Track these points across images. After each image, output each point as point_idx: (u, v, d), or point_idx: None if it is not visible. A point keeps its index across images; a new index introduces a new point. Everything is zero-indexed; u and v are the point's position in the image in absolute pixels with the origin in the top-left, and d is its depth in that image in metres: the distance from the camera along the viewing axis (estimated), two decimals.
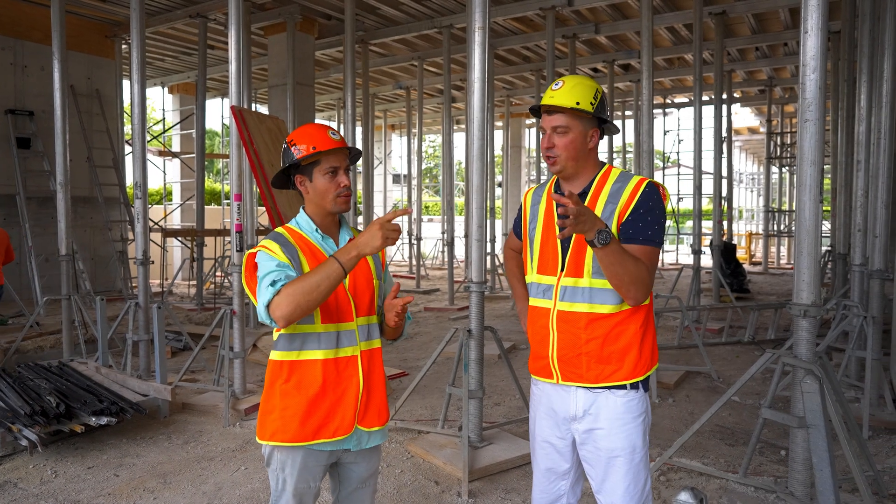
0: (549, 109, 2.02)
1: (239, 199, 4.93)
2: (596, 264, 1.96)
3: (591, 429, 2.04)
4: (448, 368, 5.68)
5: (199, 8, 9.68)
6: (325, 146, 1.95)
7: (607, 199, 2.00)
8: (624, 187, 2.00)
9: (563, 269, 2.03)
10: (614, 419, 2.00)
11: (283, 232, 2.01)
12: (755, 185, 30.04)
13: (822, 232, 3.02)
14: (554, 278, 2.05)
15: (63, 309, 6.03)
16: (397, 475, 3.77)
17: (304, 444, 1.94)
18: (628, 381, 2.00)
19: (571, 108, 1.97)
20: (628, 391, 2.01)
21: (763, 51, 12.54)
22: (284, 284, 1.81)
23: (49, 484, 3.65)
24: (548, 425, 2.15)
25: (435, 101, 16.94)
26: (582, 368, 2.02)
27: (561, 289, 2.03)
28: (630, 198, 1.97)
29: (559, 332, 2.05)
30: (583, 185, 2.06)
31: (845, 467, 3.56)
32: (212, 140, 27.52)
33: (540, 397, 2.18)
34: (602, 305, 1.99)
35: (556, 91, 2.00)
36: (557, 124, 2.00)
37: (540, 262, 2.10)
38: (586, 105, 1.98)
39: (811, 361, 2.95)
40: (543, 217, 2.12)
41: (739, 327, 8.01)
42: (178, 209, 15.35)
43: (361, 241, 1.82)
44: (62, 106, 5.98)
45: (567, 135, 2.00)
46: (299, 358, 1.95)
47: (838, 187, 8.36)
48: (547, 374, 2.10)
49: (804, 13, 2.87)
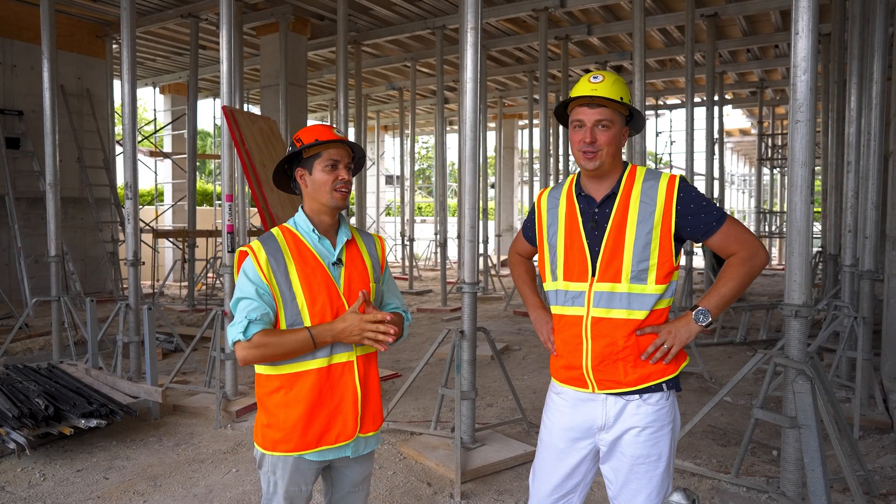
0: (592, 102, 1.92)
1: (230, 199, 4.90)
2: (636, 269, 1.91)
3: (620, 436, 1.96)
4: (441, 369, 5.67)
5: (190, 8, 9.64)
6: (327, 137, 1.95)
7: (640, 197, 1.94)
8: (656, 186, 1.94)
9: (595, 274, 1.95)
10: (643, 427, 1.93)
11: (277, 234, 1.98)
12: (747, 187, 30.23)
13: (812, 234, 3.03)
14: (585, 284, 1.96)
15: (53, 310, 5.97)
16: (389, 476, 3.75)
17: (307, 452, 1.92)
18: (665, 379, 1.94)
19: (616, 102, 1.91)
20: (663, 394, 1.95)
21: (754, 53, 12.61)
22: (257, 332, 1.83)
23: (37, 487, 3.61)
24: (568, 437, 2.04)
25: (428, 101, 16.94)
26: (620, 374, 1.93)
27: (595, 295, 1.95)
28: (668, 200, 1.92)
29: (594, 340, 1.96)
30: (611, 186, 1.98)
31: (836, 467, 3.57)
32: (203, 141, 27.40)
33: (561, 407, 2.06)
34: (640, 311, 1.92)
35: (599, 84, 1.91)
36: (602, 118, 1.91)
37: (566, 268, 2.00)
38: (628, 101, 1.94)
39: (803, 361, 2.96)
40: (565, 220, 2.03)
41: (731, 328, 8.05)
42: (170, 210, 15.27)
43: (339, 329, 1.86)
44: (52, 106, 5.93)
45: (610, 129, 1.92)
46: (293, 370, 1.91)
47: (829, 189, 8.42)
48: (581, 384, 2.00)
49: (795, 15, 2.88)
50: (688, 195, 1.92)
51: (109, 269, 10.91)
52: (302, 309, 1.90)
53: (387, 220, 23.72)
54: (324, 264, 1.95)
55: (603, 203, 1.97)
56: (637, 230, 1.91)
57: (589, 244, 1.97)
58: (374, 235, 2.15)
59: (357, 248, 2.05)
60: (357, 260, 2.02)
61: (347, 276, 1.97)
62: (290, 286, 1.90)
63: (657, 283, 1.91)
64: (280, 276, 1.90)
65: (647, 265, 1.91)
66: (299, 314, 1.90)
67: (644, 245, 1.90)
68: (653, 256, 1.91)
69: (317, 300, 1.91)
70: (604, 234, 1.94)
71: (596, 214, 1.97)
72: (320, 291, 1.92)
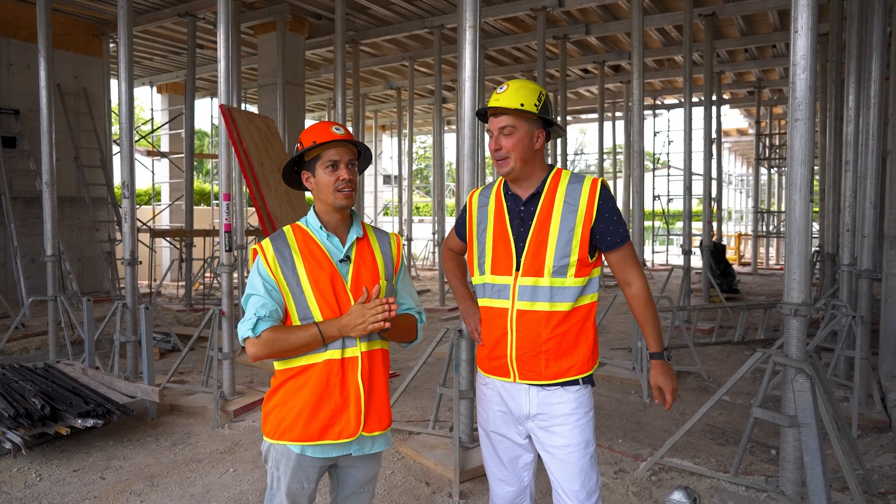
0: (495, 112, 2.07)
1: (228, 198, 4.89)
2: (557, 264, 2.03)
3: (546, 426, 2.10)
4: (439, 369, 5.67)
5: (187, 7, 9.61)
6: (325, 138, 1.95)
7: (564, 199, 2.07)
8: (580, 188, 2.07)
9: (519, 268, 2.07)
10: (567, 415, 2.08)
11: (287, 231, 2.03)
12: (744, 187, 30.26)
13: (811, 232, 3.03)
14: (510, 278, 2.09)
15: (49, 310, 5.95)
16: (388, 476, 3.74)
17: (309, 444, 1.94)
18: (581, 376, 2.09)
19: (516, 109, 2.03)
20: (581, 386, 2.10)
21: (752, 52, 12.62)
22: (266, 329, 1.87)
23: (34, 487, 3.60)
24: (504, 422, 2.18)
25: (425, 101, 16.92)
26: (541, 366, 2.07)
27: (519, 288, 2.07)
28: (590, 201, 2.05)
29: (518, 331, 2.08)
30: (534, 187, 2.11)
31: (835, 466, 3.57)
32: (201, 140, 27.36)
33: (491, 396, 2.20)
34: (562, 304, 2.05)
35: (501, 94, 2.06)
36: (503, 125, 2.05)
37: (493, 262, 2.13)
38: (530, 106, 2.04)
39: (802, 360, 2.95)
40: (494, 218, 2.16)
41: (729, 327, 8.05)
42: (167, 209, 15.24)
43: (344, 322, 1.89)
44: (48, 105, 5.90)
45: (513, 135, 2.06)
46: (303, 363, 1.94)
47: (827, 188, 8.42)
48: (503, 374, 2.13)
49: (794, 13, 2.87)
50: (606, 202, 2.07)
51: (106, 269, 10.88)
52: (311, 304, 1.93)
53: (385, 220, 23.70)
54: (332, 260, 1.97)
55: (528, 201, 2.11)
56: (560, 227, 2.05)
57: (514, 240, 2.10)
58: (392, 234, 2.16)
59: (368, 245, 2.06)
60: (367, 257, 2.03)
61: (355, 273, 1.98)
62: (298, 281, 1.94)
63: (576, 276, 2.05)
64: (287, 271, 1.94)
65: (567, 261, 2.04)
66: (309, 309, 1.93)
67: (566, 242, 2.04)
68: (573, 253, 2.04)
69: (324, 294, 1.93)
70: (529, 230, 2.08)
71: (521, 212, 2.11)
72: (327, 287, 1.94)
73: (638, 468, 3.80)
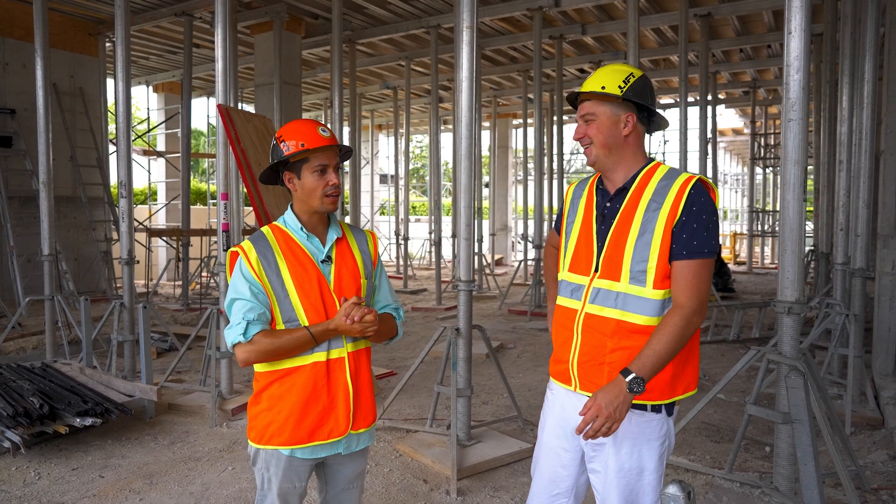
0: (580, 98, 1.95)
1: (226, 198, 4.90)
2: (635, 268, 1.81)
3: (601, 443, 1.89)
4: (436, 368, 5.69)
5: (184, 6, 9.60)
6: (314, 144, 1.91)
7: (652, 196, 1.85)
8: (670, 185, 1.83)
9: (597, 269, 1.89)
10: (624, 438, 1.85)
11: (267, 232, 1.99)
12: (739, 186, 30.36)
13: (805, 232, 3.06)
14: (586, 278, 1.91)
15: (46, 310, 5.95)
16: (386, 474, 3.76)
17: (299, 447, 1.93)
18: (649, 403, 1.83)
19: (596, 93, 1.88)
20: (648, 413, 1.85)
21: (747, 52, 12.67)
22: (257, 333, 1.85)
23: (33, 486, 3.61)
24: (556, 435, 2.02)
25: (422, 101, 16.93)
26: (603, 380, 1.83)
27: (592, 290, 1.89)
28: (677, 199, 1.81)
29: (583, 337, 1.90)
30: (624, 180, 1.91)
31: (829, 463, 3.61)
32: (197, 139, 27.27)
33: (553, 403, 2.05)
34: (635, 315, 1.82)
35: (587, 80, 1.93)
36: (585, 112, 1.92)
37: (573, 259, 1.97)
38: (613, 88, 1.85)
39: (795, 357, 2.99)
40: (583, 212, 1.99)
41: (724, 326, 8.09)
42: (164, 209, 15.21)
43: (339, 324, 1.87)
44: (45, 104, 5.90)
45: (595, 122, 1.90)
46: (288, 366, 1.92)
47: (821, 188, 8.48)
48: (565, 380, 1.96)
49: (788, 14, 2.90)
50: (696, 202, 1.80)
51: (103, 269, 10.86)
52: (296, 306, 1.92)
53: (381, 220, 23.70)
54: (314, 261, 1.96)
55: (614, 197, 1.92)
56: (641, 227, 1.83)
57: (597, 238, 1.93)
58: (367, 231, 2.15)
59: (347, 244, 2.05)
60: (347, 257, 2.03)
61: (337, 273, 1.98)
62: (283, 284, 1.91)
63: (655, 287, 1.80)
64: (272, 274, 1.91)
65: (645, 266, 1.81)
66: (294, 311, 1.91)
67: (645, 244, 1.82)
68: (652, 258, 1.81)
69: (309, 297, 1.92)
70: (609, 229, 1.89)
71: (606, 208, 1.93)
72: (312, 288, 1.93)
73: None
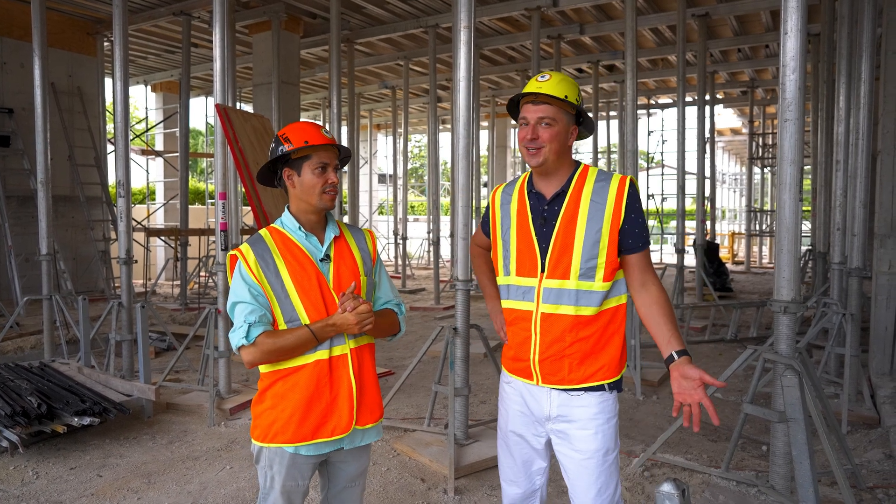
0: (536, 99, 1.96)
1: (224, 197, 4.90)
2: (584, 266, 1.94)
3: (566, 430, 2.02)
4: (434, 367, 5.70)
5: (182, 6, 9.60)
6: (317, 141, 1.96)
7: (591, 196, 1.97)
8: (607, 186, 1.97)
9: (544, 270, 1.99)
10: (589, 420, 1.99)
11: (265, 234, 2.01)
12: (738, 186, 30.42)
13: (802, 231, 3.07)
14: (534, 280, 2.01)
15: (44, 309, 5.95)
16: (383, 473, 3.77)
17: (303, 444, 1.94)
18: (607, 382, 1.99)
19: (560, 100, 1.93)
20: (605, 392, 2.00)
21: (745, 52, 12.70)
22: (260, 334, 1.88)
23: (31, 485, 3.61)
24: (523, 423, 2.12)
25: (420, 100, 16.94)
26: (564, 371, 1.99)
27: (544, 291, 1.99)
28: (618, 200, 1.95)
29: (542, 335, 2.00)
30: (561, 183, 2.01)
31: (825, 461, 3.63)
32: (195, 139, 27.25)
33: (513, 395, 2.14)
34: (587, 308, 1.96)
35: (544, 82, 1.95)
36: (544, 115, 1.95)
37: (518, 263, 2.05)
38: (573, 100, 1.95)
39: (791, 357, 3.00)
40: (517, 217, 2.06)
41: (722, 325, 8.11)
42: (162, 208, 15.21)
43: (337, 319, 1.89)
44: (43, 103, 5.90)
45: (553, 127, 1.95)
46: (291, 365, 1.94)
47: (818, 187, 8.50)
48: (526, 376, 2.07)
49: (784, 15, 2.91)
50: (634, 202, 1.97)
51: (101, 268, 10.86)
52: (297, 306, 1.93)
53: (380, 219, 23.70)
54: (313, 260, 1.98)
55: (552, 201, 2.01)
56: (587, 228, 1.95)
57: (538, 241, 2.01)
58: (365, 230, 2.17)
59: (346, 243, 2.07)
60: (346, 255, 2.04)
61: (336, 272, 2.00)
62: (283, 284, 1.93)
63: (604, 280, 1.96)
64: (271, 275, 1.93)
65: (595, 263, 1.94)
66: (294, 311, 1.93)
67: (593, 243, 1.94)
68: (601, 254, 1.94)
69: (309, 295, 1.94)
70: (552, 231, 1.98)
71: (545, 212, 2.01)
72: (312, 287, 1.94)
73: (631, 464, 3.84)
